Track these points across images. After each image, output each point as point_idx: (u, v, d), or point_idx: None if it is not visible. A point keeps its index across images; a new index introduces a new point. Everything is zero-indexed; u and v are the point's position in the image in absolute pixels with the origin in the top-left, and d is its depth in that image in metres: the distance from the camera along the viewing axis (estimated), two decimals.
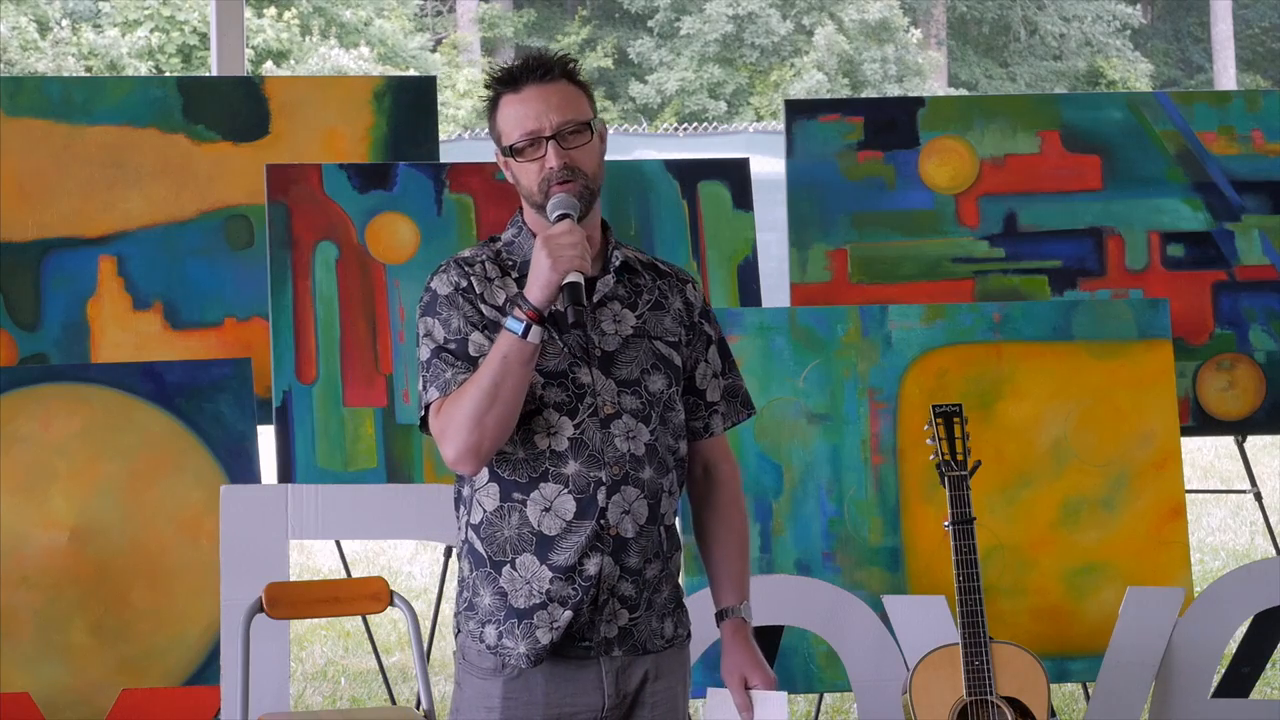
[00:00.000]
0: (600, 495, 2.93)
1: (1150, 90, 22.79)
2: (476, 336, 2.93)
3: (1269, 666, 5.66)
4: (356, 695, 6.82)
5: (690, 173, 5.47)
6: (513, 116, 2.97)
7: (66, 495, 4.88)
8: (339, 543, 5.52)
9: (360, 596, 4.34)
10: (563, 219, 2.90)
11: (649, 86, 24.19)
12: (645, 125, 22.21)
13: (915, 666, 4.43)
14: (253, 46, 20.37)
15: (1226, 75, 25.45)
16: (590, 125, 2.96)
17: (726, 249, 5.42)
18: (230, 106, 5.55)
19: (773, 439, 5.03)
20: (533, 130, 2.94)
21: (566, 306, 2.83)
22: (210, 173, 5.49)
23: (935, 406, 4.59)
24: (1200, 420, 5.50)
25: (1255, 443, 7.83)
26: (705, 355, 3.12)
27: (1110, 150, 5.59)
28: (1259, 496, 5.70)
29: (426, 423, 2.96)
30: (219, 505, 4.71)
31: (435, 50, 24.29)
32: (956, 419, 4.55)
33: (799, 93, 22.91)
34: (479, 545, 2.98)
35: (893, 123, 5.58)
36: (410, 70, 21.98)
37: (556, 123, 2.94)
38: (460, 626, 3.03)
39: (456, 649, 3.05)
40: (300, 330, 5.10)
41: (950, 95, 20.94)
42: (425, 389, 2.95)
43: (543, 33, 25.71)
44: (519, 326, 2.84)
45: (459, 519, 3.04)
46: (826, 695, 5.51)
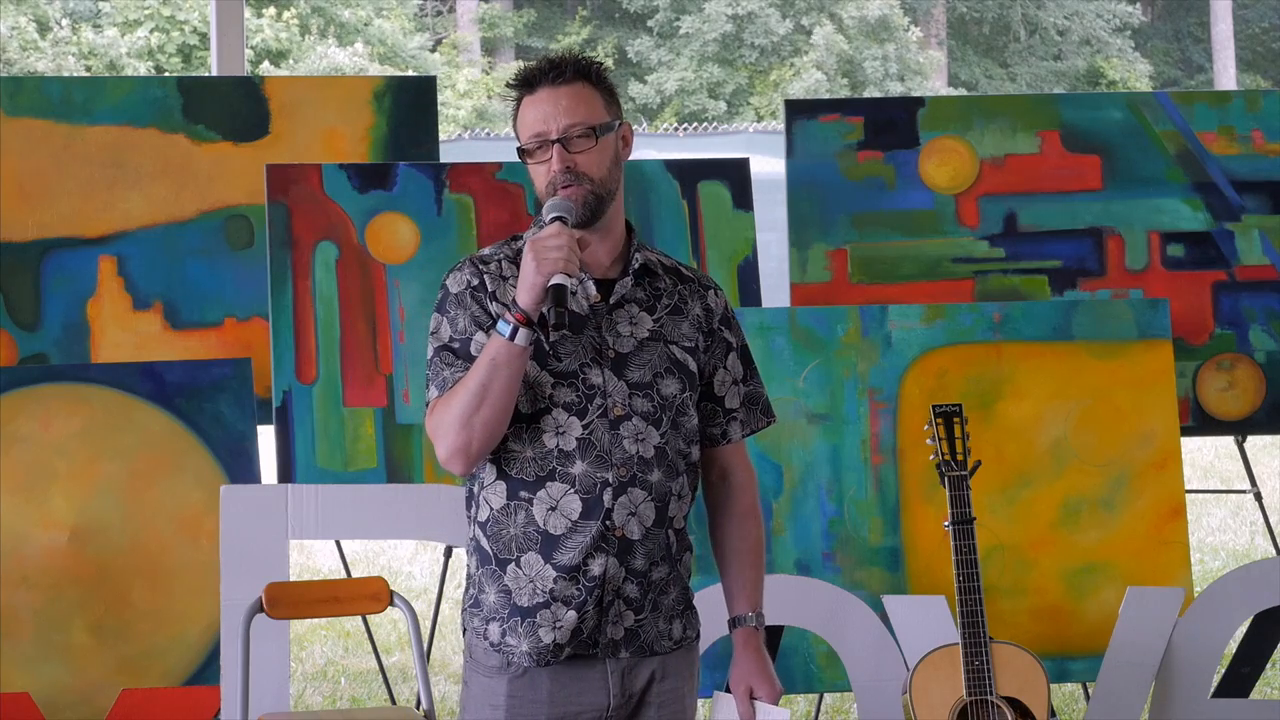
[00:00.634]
0: (606, 496, 2.93)
1: (1150, 90, 22.79)
2: (480, 336, 2.94)
3: (1269, 666, 5.66)
4: (356, 695, 6.82)
5: (690, 173, 5.47)
6: (525, 118, 2.98)
7: (66, 495, 4.88)
8: (339, 543, 5.52)
9: (360, 596, 4.34)
10: (555, 221, 2.90)
11: (649, 86, 24.19)
12: (645, 125, 22.21)
13: (915, 666, 4.43)
14: (251, 47, 20.37)
15: (1226, 75, 25.45)
16: (596, 130, 2.95)
17: (726, 249, 5.42)
18: (230, 106, 5.55)
19: (773, 439, 5.03)
20: (540, 133, 2.95)
21: (550, 309, 2.83)
22: (210, 173, 5.49)
23: (935, 406, 4.59)
24: (1200, 420, 5.50)
25: (1255, 443, 7.83)
26: (724, 362, 3.12)
27: (1110, 150, 5.59)
28: (1259, 496, 5.70)
29: None
30: (219, 505, 4.70)
31: (435, 50, 24.28)
32: (956, 419, 4.55)
33: (798, 92, 22.91)
34: (485, 543, 2.99)
35: (893, 123, 5.58)
36: (410, 70, 21.98)
37: (563, 125, 2.94)
38: (465, 624, 3.04)
39: (465, 647, 3.06)
40: (300, 330, 5.10)
41: (950, 95, 20.95)
42: (427, 386, 2.97)
43: (543, 33, 25.71)
44: (507, 328, 2.85)
45: (469, 517, 3.05)
46: (826, 695, 5.51)
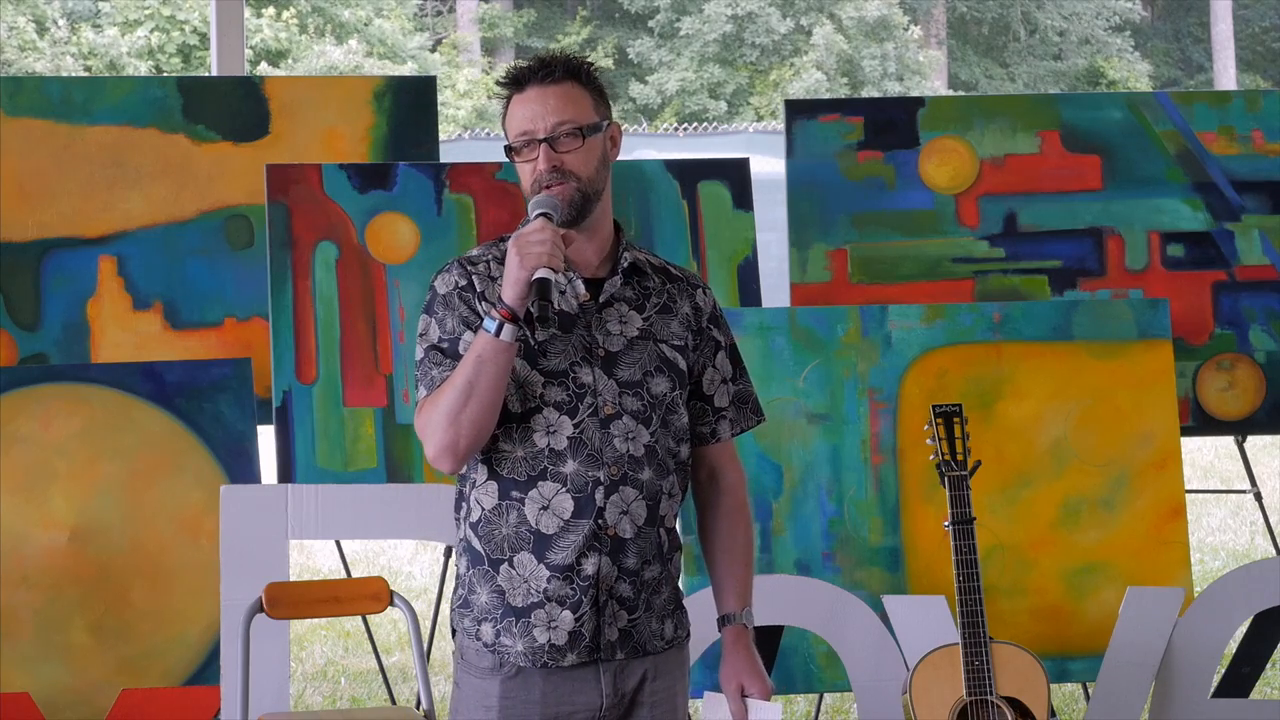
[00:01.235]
0: (598, 495, 2.94)
1: (1150, 90, 22.80)
2: (469, 336, 2.95)
3: (1269, 666, 5.66)
4: (356, 695, 6.82)
5: (690, 173, 5.47)
6: (513, 117, 2.99)
7: (66, 495, 4.88)
8: (339, 543, 5.52)
9: (360, 596, 4.34)
10: (539, 217, 2.91)
11: (649, 87, 24.19)
12: (645, 125, 22.21)
13: (915, 666, 4.43)
14: (251, 47, 20.37)
15: (1226, 75, 25.45)
16: (583, 130, 2.96)
17: (726, 249, 5.42)
18: (230, 106, 5.55)
19: (773, 439, 5.03)
20: (527, 131, 2.96)
21: (534, 303, 2.84)
22: (210, 173, 5.49)
23: (935, 406, 4.59)
24: (1200, 420, 5.50)
25: (1255, 443, 7.82)
26: (713, 361, 3.12)
27: (1110, 150, 5.59)
28: (1259, 496, 5.70)
29: None
30: (219, 505, 4.71)
31: (435, 50, 24.28)
32: (956, 419, 4.55)
33: (798, 92, 22.91)
34: (477, 543, 2.99)
35: (893, 123, 5.58)
36: (409, 70, 21.98)
37: (551, 124, 2.95)
38: (455, 625, 3.04)
39: (455, 649, 3.06)
40: (300, 330, 5.10)
41: (950, 95, 20.95)
42: (416, 387, 2.99)
43: (543, 33, 25.71)
44: (493, 325, 2.85)
45: (458, 517, 3.05)
46: (826, 695, 5.51)
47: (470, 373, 2.86)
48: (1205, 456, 11.83)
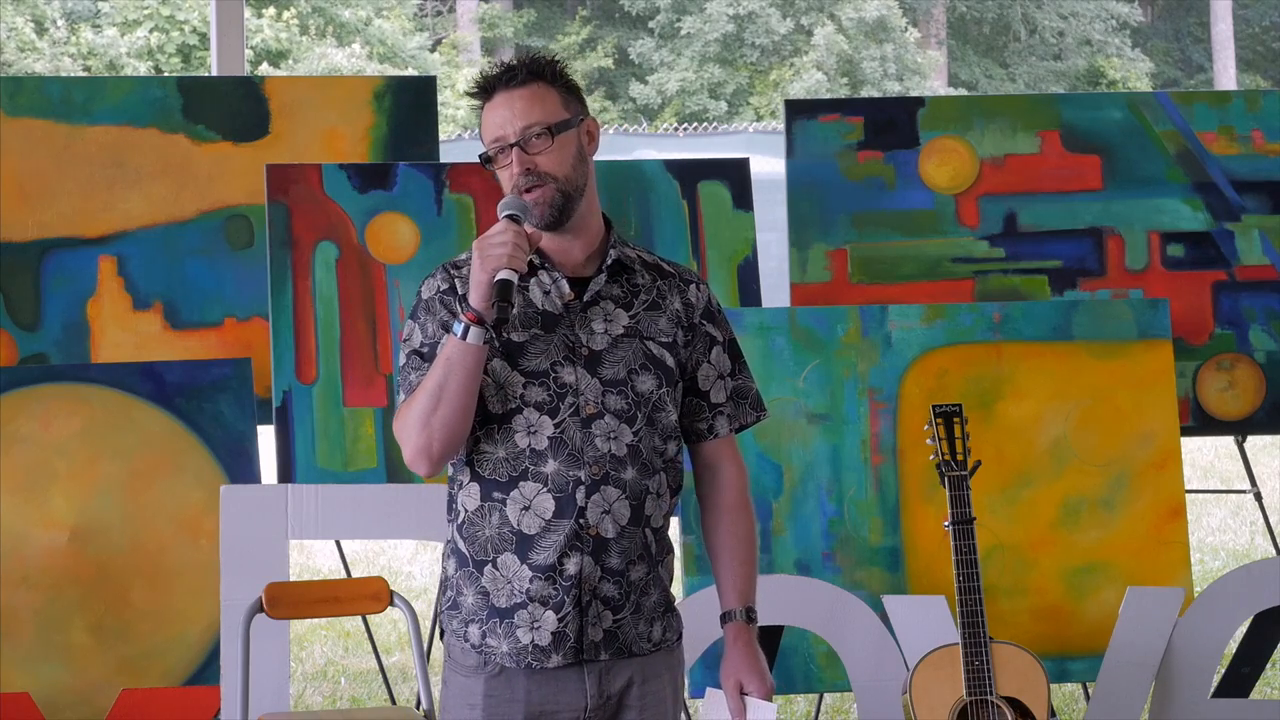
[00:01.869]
0: (579, 494, 2.93)
1: (1150, 90, 22.80)
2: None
3: (1269, 666, 5.66)
4: (356, 695, 6.82)
5: (690, 173, 5.47)
6: (485, 125, 2.99)
7: (66, 495, 4.88)
8: (339, 543, 5.52)
9: (360, 596, 4.35)
10: (505, 219, 2.90)
11: (649, 87, 24.19)
12: (645, 125, 22.21)
13: (915, 666, 4.43)
14: (251, 47, 20.36)
15: (1226, 75, 25.45)
16: (552, 129, 2.94)
17: (726, 249, 5.42)
18: (230, 106, 5.55)
19: (773, 439, 5.03)
20: (498, 138, 2.96)
21: (495, 303, 2.83)
22: (210, 173, 5.49)
23: (935, 406, 4.59)
24: (1200, 420, 5.50)
25: (1255, 443, 7.83)
26: (708, 356, 3.11)
27: (1110, 150, 5.59)
28: (1259, 496, 5.70)
29: None
30: (219, 505, 4.71)
31: (434, 50, 24.27)
32: (956, 419, 4.55)
33: (798, 92, 22.91)
34: (462, 545, 3.00)
35: (893, 123, 5.58)
36: (409, 70, 21.98)
37: (520, 128, 2.94)
38: (445, 625, 3.05)
39: (444, 648, 3.07)
40: (300, 330, 5.10)
41: (950, 95, 20.94)
42: (398, 392, 3.00)
43: (543, 33, 25.71)
44: (459, 327, 2.86)
45: (448, 519, 3.06)
46: (826, 695, 5.51)
47: (440, 376, 2.87)
48: (1205, 456, 11.83)
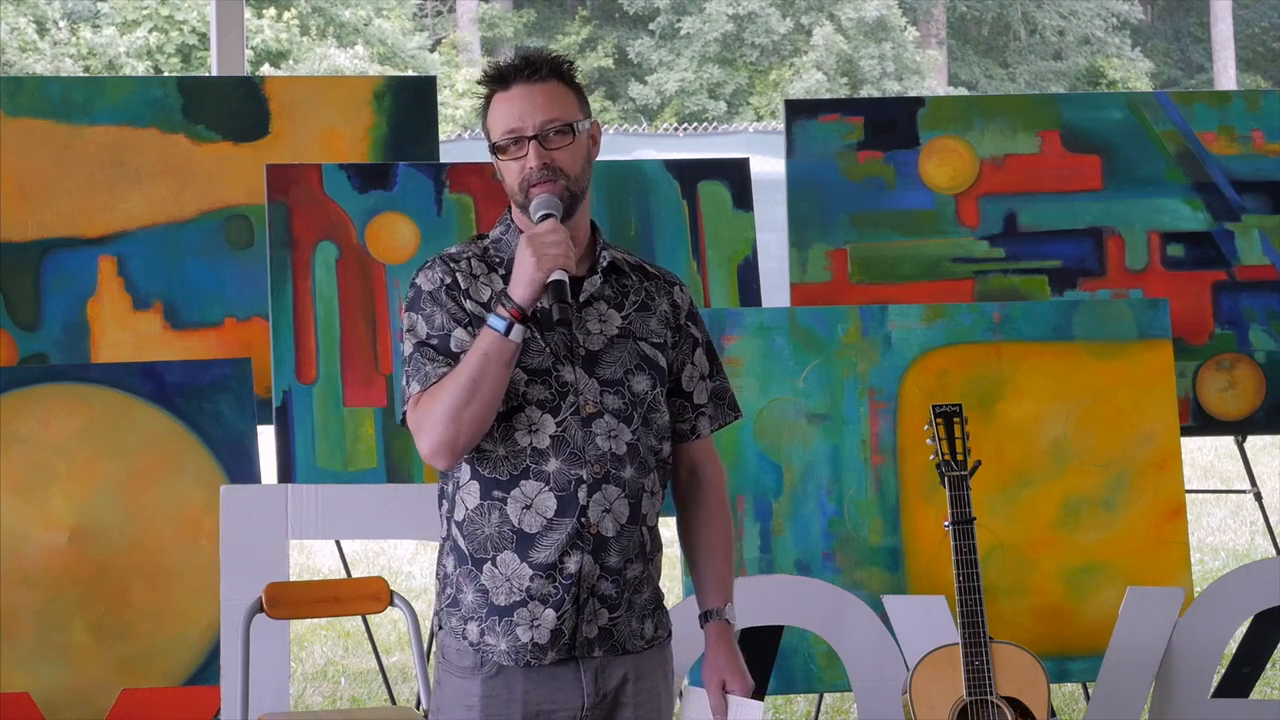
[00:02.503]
0: (581, 493, 2.93)
1: (1150, 90, 22.79)
2: (459, 333, 2.94)
3: (1269, 666, 5.66)
4: (356, 695, 6.82)
5: (690, 173, 5.47)
6: (499, 114, 2.98)
7: (66, 495, 4.88)
8: (339, 543, 5.52)
9: (360, 596, 4.34)
10: (546, 218, 2.91)
11: (649, 87, 24.19)
12: (645, 125, 22.20)
13: (915, 666, 4.43)
14: (251, 47, 20.36)
15: (1226, 75, 25.45)
16: (574, 127, 2.96)
17: (726, 249, 5.42)
18: (230, 106, 5.55)
19: (773, 439, 5.03)
20: (515, 129, 2.95)
21: (552, 304, 2.85)
22: (210, 173, 5.49)
23: (935, 406, 4.59)
24: (1200, 420, 5.50)
25: (1255, 443, 7.82)
26: (691, 358, 3.12)
27: (1110, 150, 5.59)
28: (1259, 496, 5.70)
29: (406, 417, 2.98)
30: (219, 505, 4.71)
31: (434, 50, 24.27)
32: (956, 419, 4.55)
33: (798, 92, 22.91)
34: (461, 542, 2.99)
35: (893, 123, 5.58)
36: (409, 70, 21.98)
37: (540, 122, 2.94)
38: (443, 623, 3.04)
39: (437, 648, 3.06)
40: (300, 330, 5.10)
41: (950, 95, 20.95)
42: (407, 383, 2.97)
43: (543, 33, 25.71)
44: (501, 324, 2.85)
45: (442, 515, 3.05)
46: (826, 695, 5.51)
47: (475, 370, 2.86)
48: (1205, 456, 11.83)
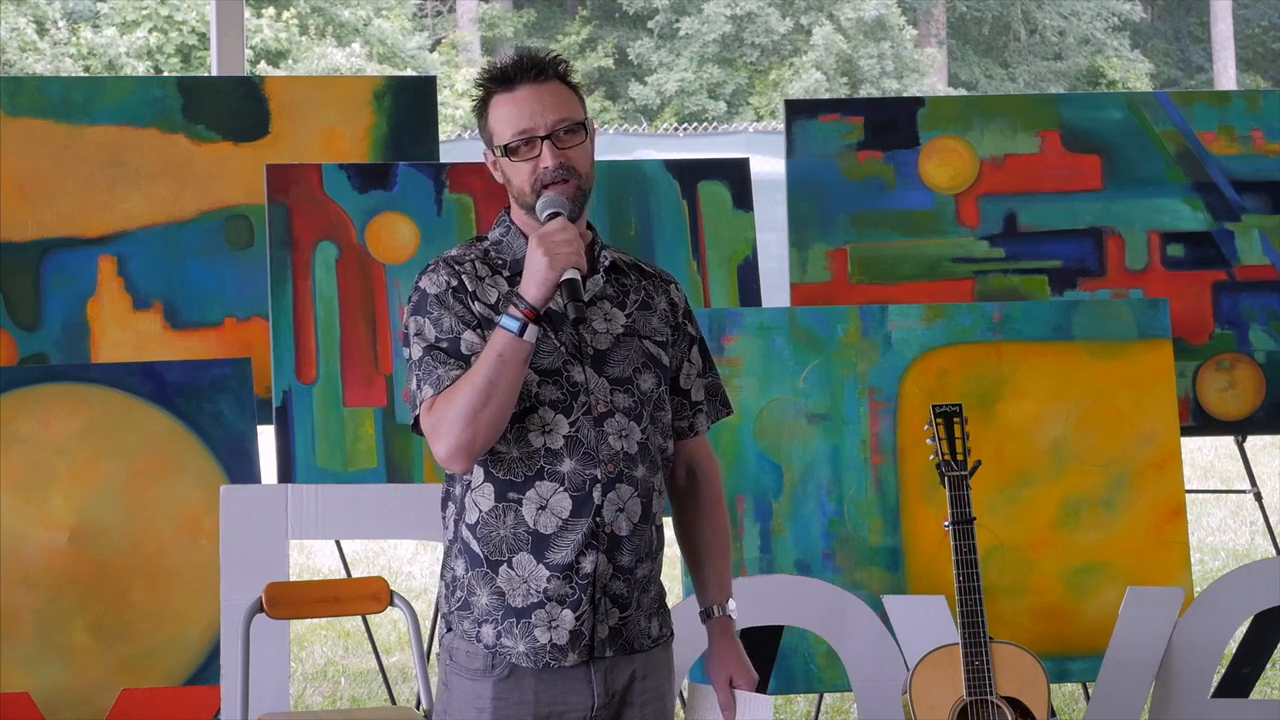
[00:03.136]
0: (596, 493, 2.93)
1: (1150, 90, 22.79)
2: (469, 335, 2.93)
3: (1269, 666, 5.66)
4: (356, 695, 6.82)
5: (690, 173, 5.47)
6: (506, 115, 2.96)
7: (66, 495, 4.88)
8: (339, 543, 5.52)
9: (360, 596, 4.34)
10: (554, 217, 2.90)
11: (649, 87, 24.19)
12: (645, 125, 22.20)
13: (915, 666, 4.43)
14: (251, 47, 20.35)
15: (1226, 75, 25.45)
16: (585, 125, 2.97)
17: (726, 249, 5.42)
18: (230, 106, 5.55)
19: (773, 439, 5.03)
20: (527, 129, 2.94)
21: (566, 303, 2.85)
22: (210, 173, 5.49)
23: (935, 406, 4.59)
24: (1200, 420, 5.50)
25: (1255, 443, 7.82)
26: (688, 355, 3.13)
27: (1110, 150, 5.59)
28: (1259, 496, 5.70)
29: (419, 421, 2.96)
30: (219, 505, 4.70)
31: (434, 50, 24.27)
32: (956, 419, 4.55)
33: (798, 92, 22.91)
34: (475, 545, 2.98)
35: (893, 123, 5.58)
36: (409, 70, 21.97)
37: (552, 121, 2.94)
38: (452, 625, 3.03)
39: (441, 650, 3.04)
40: (300, 330, 5.10)
41: (950, 95, 20.93)
42: (419, 387, 2.94)
43: (542, 33, 25.71)
44: (515, 325, 2.84)
45: (446, 518, 3.04)
46: (826, 695, 5.51)
47: (491, 372, 2.84)
48: (1205, 456, 11.83)
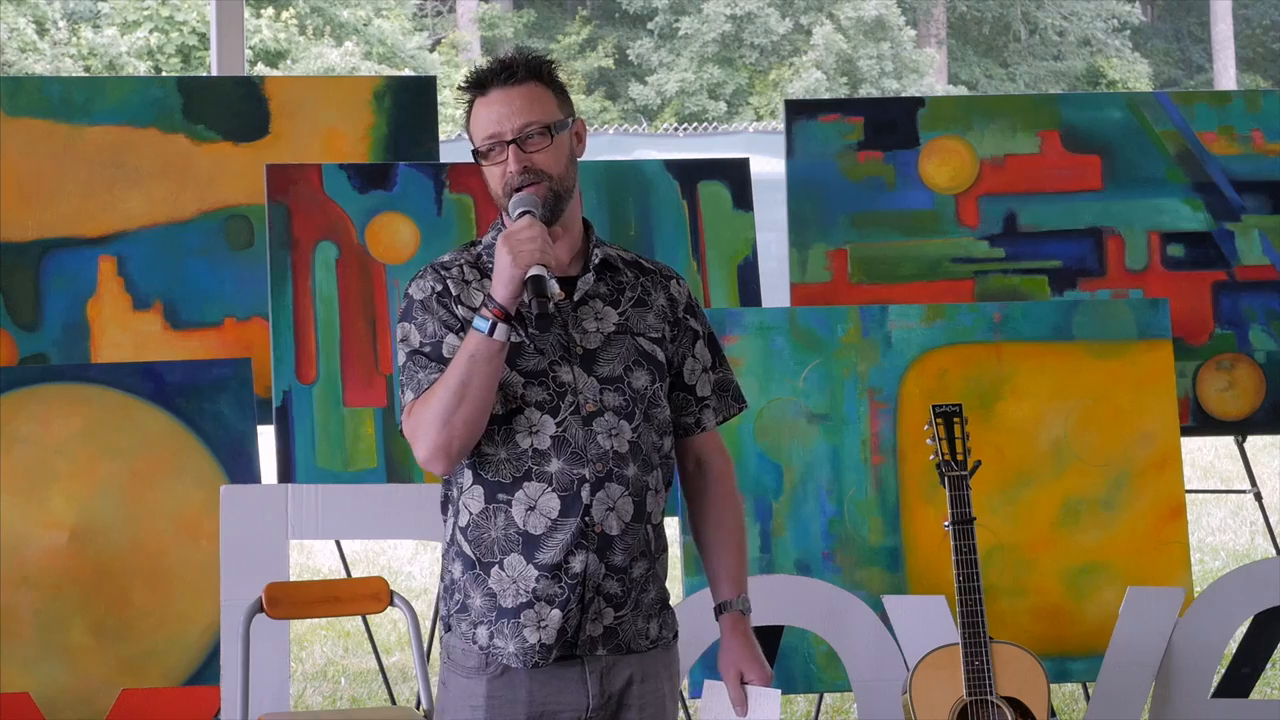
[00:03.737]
0: (584, 492, 2.93)
1: (1150, 90, 22.79)
2: (451, 339, 2.94)
3: (1269, 666, 5.66)
4: (356, 695, 6.82)
5: (690, 173, 5.47)
6: (477, 120, 2.98)
7: (66, 495, 4.88)
8: (339, 543, 5.52)
9: (360, 596, 4.34)
10: (523, 215, 2.90)
11: (649, 87, 24.19)
12: (645, 125, 22.20)
13: (915, 666, 4.43)
14: (250, 47, 20.35)
15: (1226, 75, 25.45)
16: (551, 129, 2.95)
17: (726, 249, 5.42)
18: (230, 106, 5.55)
19: (773, 439, 5.03)
20: (494, 134, 2.95)
21: (532, 300, 2.83)
22: (210, 173, 5.49)
23: (935, 406, 4.59)
24: (1200, 420, 5.50)
25: (1255, 443, 7.82)
26: (692, 350, 3.12)
27: (1110, 150, 5.59)
28: (1259, 496, 5.70)
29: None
30: (219, 505, 4.71)
31: (434, 50, 24.27)
32: (956, 419, 4.55)
33: (798, 92, 22.91)
34: (468, 548, 2.99)
35: (893, 123, 5.58)
36: (409, 70, 21.97)
37: (518, 126, 2.94)
38: (451, 626, 3.04)
39: (441, 648, 3.06)
40: (300, 330, 5.10)
41: (950, 95, 20.96)
42: (403, 392, 2.97)
43: (542, 33, 25.70)
44: (485, 324, 2.84)
45: (446, 522, 3.05)
46: (826, 695, 5.51)
47: (463, 373, 2.85)
48: (1205, 456, 11.83)
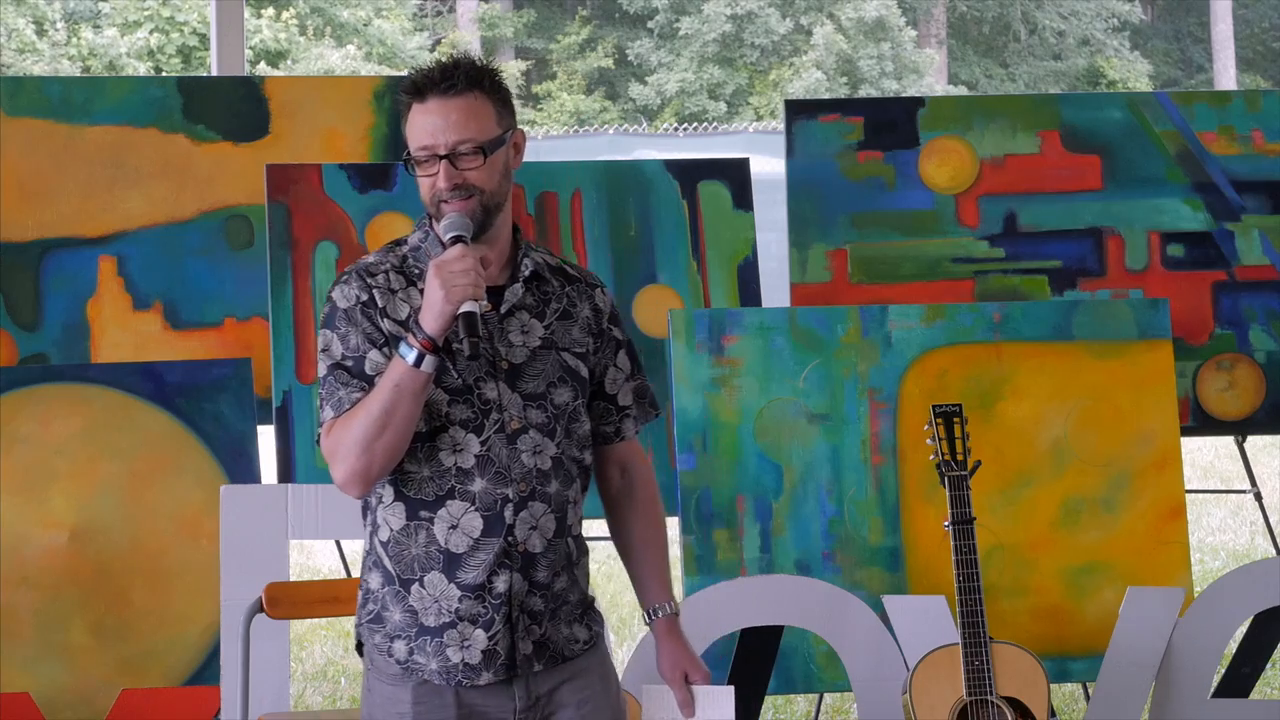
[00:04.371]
0: (508, 512, 2.89)
1: (1150, 90, 22.79)
2: (374, 355, 2.88)
3: (1269, 666, 5.66)
4: (356, 695, 6.81)
5: (690, 173, 5.47)
6: (414, 128, 2.91)
7: (66, 495, 4.87)
8: (339, 543, 5.52)
9: None
10: (456, 240, 2.84)
11: (649, 87, 24.19)
12: (645, 125, 22.21)
13: (915, 666, 4.43)
14: (250, 47, 20.35)
15: (1226, 75, 25.45)
16: (485, 148, 2.88)
17: (726, 249, 5.42)
18: (230, 106, 5.55)
19: (773, 439, 5.03)
20: (428, 146, 2.88)
21: (463, 339, 2.78)
22: (210, 173, 5.49)
23: (935, 406, 4.59)
24: (1200, 420, 5.50)
25: (1255, 443, 7.83)
26: (614, 360, 3.09)
27: (1110, 150, 5.59)
28: (1259, 496, 5.71)
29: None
30: (219, 505, 4.70)
31: (434, 50, 24.27)
32: (956, 419, 4.55)
33: (798, 92, 22.91)
34: (388, 563, 2.94)
35: (893, 123, 5.58)
36: (409, 70, 21.97)
37: (452, 141, 2.87)
38: (364, 638, 2.99)
39: (364, 656, 3.01)
40: (300, 330, 5.10)
41: (950, 95, 20.95)
42: (321, 406, 2.90)
43: (542, 33, 25.71)
44: (412, 354, 2.79)
45: (365, 529, 3.00)
46: (826, 695, 5.51)
47: (387, 402, 2.79)
48: (1205, 456, 11.83)
